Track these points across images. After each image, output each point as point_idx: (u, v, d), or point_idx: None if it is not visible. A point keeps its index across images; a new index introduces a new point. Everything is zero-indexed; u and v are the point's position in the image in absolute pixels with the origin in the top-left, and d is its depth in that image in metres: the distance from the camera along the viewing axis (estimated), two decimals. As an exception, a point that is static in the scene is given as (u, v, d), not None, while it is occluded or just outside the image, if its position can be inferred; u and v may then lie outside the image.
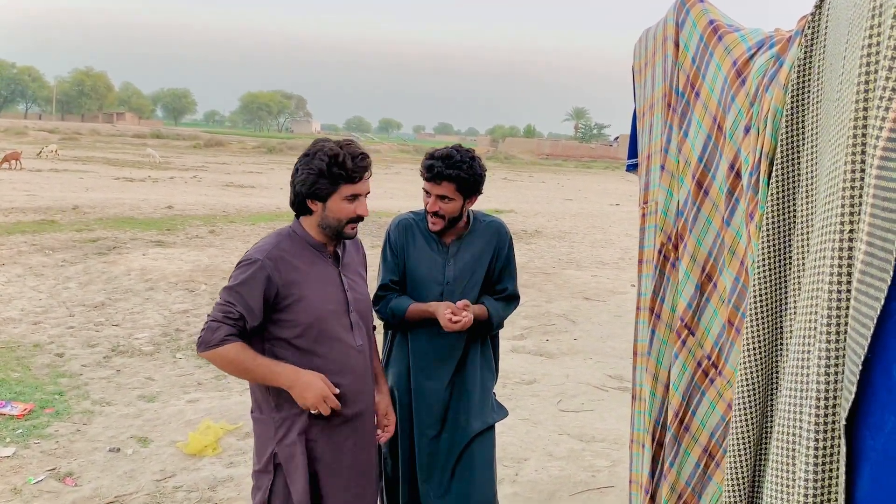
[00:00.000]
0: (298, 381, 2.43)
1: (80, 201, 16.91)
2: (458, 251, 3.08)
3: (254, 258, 2.42)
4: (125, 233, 12.96)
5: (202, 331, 2.41)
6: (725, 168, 1.72)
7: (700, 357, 2.19)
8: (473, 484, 3.03)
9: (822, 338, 0.98)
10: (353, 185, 2.45)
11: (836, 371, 0.99)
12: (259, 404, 2.55)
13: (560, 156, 71.55)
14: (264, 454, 2.52)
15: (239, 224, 15.16)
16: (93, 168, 27.30)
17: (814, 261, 1.03)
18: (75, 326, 7.24)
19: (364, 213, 2.51)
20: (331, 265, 2.57)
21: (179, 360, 6.47)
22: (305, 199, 2.48)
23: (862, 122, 0.93)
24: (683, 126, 1.89)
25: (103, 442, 4.72)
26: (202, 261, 10.87)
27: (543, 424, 5.34)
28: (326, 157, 2.39)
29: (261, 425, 2.54)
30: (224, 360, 2.40)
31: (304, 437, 2.48)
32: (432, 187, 2.94)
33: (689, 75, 1.86)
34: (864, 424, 0.96)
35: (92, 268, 9.92)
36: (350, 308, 2.57)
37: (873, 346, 0.93)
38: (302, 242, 2.53)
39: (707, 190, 1.88)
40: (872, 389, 0.94)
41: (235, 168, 33.80)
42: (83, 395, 5.52)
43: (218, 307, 2.41)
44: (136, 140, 52.83)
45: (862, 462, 0.95)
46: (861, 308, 0.93)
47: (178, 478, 4.29)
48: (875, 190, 0.91)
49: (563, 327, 8.27)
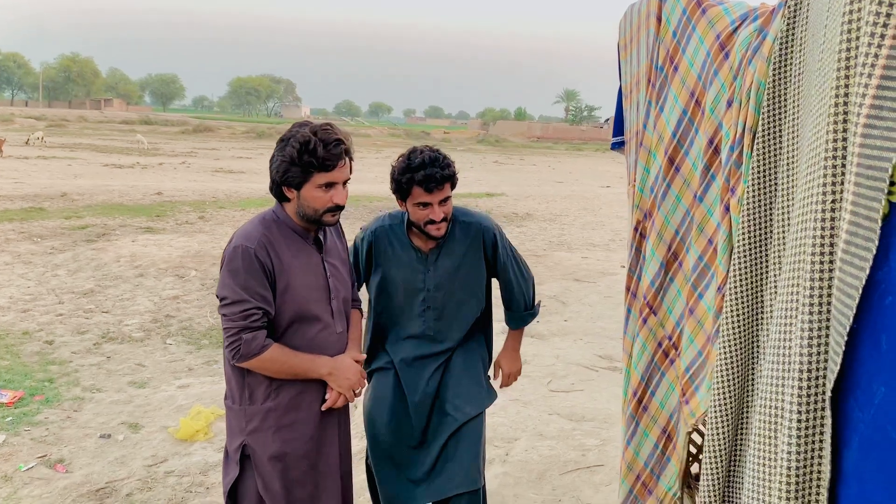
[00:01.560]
0: (337, 368, 2.45)
1: (69, 188, 16.79)
2: (438, 258, 2.99)
3: (244, 246, 2.34)
4: (114, 219, 12.88)
5: (233, 342, 2.33)
6: (703, 144, 1.70)
7: (661, 337, 2.18)
8: (460, 465, 3.03)
9: (804, 310, 0.97)
10: (327, 174, 2.34)
11: (819, 343, 0.98)
12: (233, 394, 2.50)
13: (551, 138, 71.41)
14: (234, 443, 2.49)
15: (229, 209, 15.09)
16: (81, 155, 27.09)
17: (796, 233, 1.01)
18: (65, 314, 7.20)
19: (340, 202, 2.41)
20: (314, 251, 2.51)
21: (170, 346, 6.45)
22: (280, 186, 2.41)
23: (844, 90, 0.92)
24: (660, 101, 1.87)
25: (94, 428, 4.70)
26: (192, 247, 10.82)
27: (534, 405, 5.35)
28: (297, 145, 2.30)
29: (233, 414, 2.50)
30: (264, 363, 2.37)
31: (276, 428, 2.44)
32: (435, 195, 2.80)
33: (669, 49, 1.84)
34: (850, 397, 0.95)
35: (81, 255, 9.86)
36: (332, 296, 2.53)
37: (860, 317, 0.92)
38: (285, 228, 2.46)
39: (679, 167, 1.86)
40: (860, 361, 0.93)
41: (225, 153, 33.61)
42: (73, 381, 5.50)
43: (237, 313, 2.32)
44: (124, 126, 52.44)
45: (849, 434, 0.95)
46: (846, 278, 0.92)
47: (170, 463, 4.29)
48: (859, 158, 0.89)
49: (553, 309, 8.28)
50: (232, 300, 2.33)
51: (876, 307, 0.91)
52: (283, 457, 2.45)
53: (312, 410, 2.49)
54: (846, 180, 0.92)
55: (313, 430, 2.50)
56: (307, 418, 2.48)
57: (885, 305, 0.89)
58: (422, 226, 2.87)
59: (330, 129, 2.37)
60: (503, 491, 4.08)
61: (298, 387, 2.46)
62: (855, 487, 0.94)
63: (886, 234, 0.89)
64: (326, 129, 2.36)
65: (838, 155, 0.93)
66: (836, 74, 0.93)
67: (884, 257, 0.89)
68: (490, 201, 18.28)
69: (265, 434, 2.44)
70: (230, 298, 2.33)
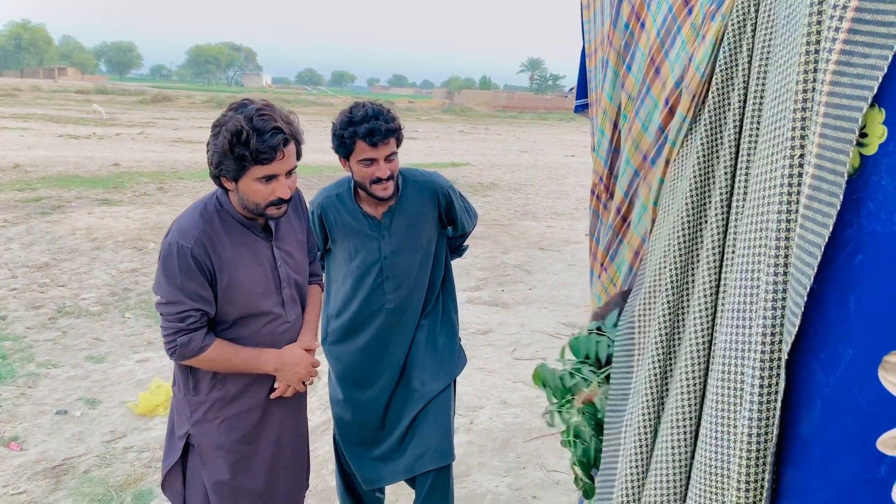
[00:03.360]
0: (284, 363, 2.34)
1: (22, 160, 16.27)
2: (392, 222, 2.87)
3: (180, 244, 2.16)
4: (70, 191, 12.53)
5: (169, 343, 2.22)
6: (657, 104, 1.65)
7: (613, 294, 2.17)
8: (429, 441, 2.99)
9: (769, 271, 0.93)
10: (265, 167, 2.09)
11: (783, 306, 0.94)
12: (178, 382, 2.41)
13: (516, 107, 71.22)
14: (179, 430, 2.40)
15: (188, 180, 14.78)
16: (34, 125, 26.27)
17: (759, 191, 0.97)
18: (18, 288, 7.00)
19: (285, 196, 2.17)
20: (261, 241, 2.32)
21: (128, 320, 6.32)
22: (218, 176, 2.17)
23: (815, 37, 0.87)
24: (627, 59, 1.82)
25: (50, 405, 4.59)
26: (150, 219, 10.58)
27: (498, 373, 5.36)
28: (229, 135, 2.03)
29: (178, 401, 2.42)
30: (204, 362, 2.27)
31: (221, 419, 2.36)
32: (380, 150, 2.65)
33: (635, 5, 1.78)
34: (813, 360, 0.92)
35: (35, 228, 9.59)
36: (282, 285, 2.38)
37: (824, 277, 0.89)
38: (228, 219, 2.25)
39: (630, 127, 1.82)
40: (824, 323, 0.90)
41: (184, 123, 32.91)
42: (27, 357, 5.35)
43: (172, 314, 2.19)
44: (79, 96, 50.97)
45: (812, 399, 0.92)
46: (808, 235, 0.88)
47: (129, 438, 4.21)
48: (826, 108, 0.85)
49: (518, 277, 8.28)
50: (167, 300, 2.20)
51: (843, 266, 0.87)
52: (230, 447, 2.37)
53: (259, 398, 2.40)
54: (811, 132, 0.88)
55: (260, 418, 2.41)
56: (254, 406, 2.39)
57: (853, 265, 0.85)
58: (367, 186, 2.72)
59: (267, 116, 2.08)
60: (468, 459, 4.08)
61: (242, 379, 2.37)
62: (817, 451, 0.92)
63: (857, 189, 0.85)
64: (263, 116, 2.07)
65: (808, 107, 0.88)
66: (807, 20, 0.88)
67: (854, 215, 0.85)
68: (455, 171, 18.17)
69: (210, 424, 2.35)
70: (165, 298, 2.21)
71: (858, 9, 0.83)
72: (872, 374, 0.82)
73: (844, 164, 0.83)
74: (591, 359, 1.70)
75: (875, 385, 0.82)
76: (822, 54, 0.86)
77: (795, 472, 0.95)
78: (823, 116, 0.86)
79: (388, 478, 3.08)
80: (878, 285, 0.82)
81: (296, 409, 2.57)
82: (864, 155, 0.84)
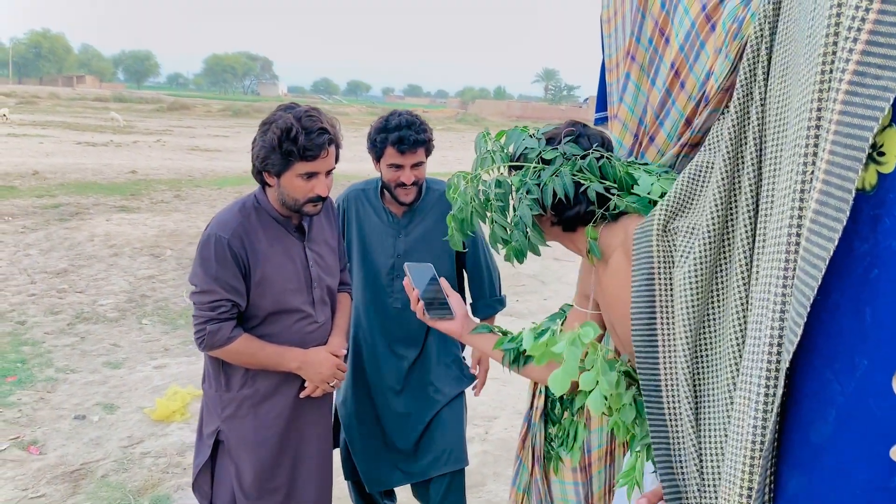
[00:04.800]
0: (307, 362, 2.39)
1: (41, 167, 16.47)
2: (410, 223, 2.99)
3: (218, 235, 2.26)
4: (88, 198, 12.68)
5: (199, 332, 2.28)
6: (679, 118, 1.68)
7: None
8: (444, 445, 3.02)
9: (778, 283, 0.96)
10: (309, 163, 2.23)
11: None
12: (209, 379, 2.46)
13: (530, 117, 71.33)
14: (209, 427, 2.45)
15: (205, 188, 14.91)
16: (53, 133, 26.58)
17: (781, 205, 1.00)
18: (37, 294, 7.09)
19: (323, 193, 2.31)
20: (295, 240, 2.43)
21: (145, 326, 6.38)
22: (261, 172, 2.31)
23: (832, 56, 0.90)
24: (651, 73, 1.84)
25: (68, 409, 4.65)
26: (167, 226, 10.69)
27: (513, 383, 5.36)
28: (279, 131, 2.18)
29: (209, 399, 2.47)
30: (230, 354, 2.32)
31: (252, 416, 2.40)
32: (407, 158, 2.81)
33: (659, 21, 1.80)
34: (828, 369, 0.94)
35: (54, 234, 9.70)
36: (313, 285, 2.46)
37: (842, 290, 0.91)
38: (265, 216, 2.37)
39: (653, 136, 1.84)
40: (840, 333, 0.92)
41: (201, 132, 33.19)
42: (46, 362, 5.42)
43: (205, 303, 2.26)
44: (97, 104, 51.54)
45: (825, 407, 0.94)
46: (813, 248, 0.90)
47: (146, 444, 4.25)
48: (837, 126, 0.87)
49: (533, 288, 8.29)
50: (201, 289, 2.27)
51: (860, 280, 0.89)
52: (258, 444, 2.42)
53: (289, 397, 2.45)
54: (821, 149, 0.90)
55: (289, 417, 2.46)
56: (284, 405, 2.44)
57: (870, 279, 0.87)
58: (392, 188, 2.88)
59: (315, 116, 2.24)
60: (483, 469, 4.09)
61: (272, 376, 2.42)
62: (830, 459, 0.94)
63: (874, 205, 0.87)
64: (311, 116, 2.23)
65: (821, 125, 0.91)
66: (824, 41, 0.91)
67: (871, 231, 0.87)
68: (469, 180, 18.20)
69: (241, 421, 2.40)
70: (199, 288, 2.28)
71: (872, 32, 0.85)
72: (888, 385, 0.84)
73: (853, 181, 0.85)
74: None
75: (890, 395, 0.84)
76: (836, 74, 0.88)
77: (806, 479, 0.97)
78: (834, 134, 0.88)
79: (398, 480, 3.11)
80: (895, 299, 0.84)
81: (323, 411, 2.61)
82: (881, 172, 0.87)
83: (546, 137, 1.67)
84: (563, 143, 1.62)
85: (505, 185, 1.63)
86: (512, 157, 1.67)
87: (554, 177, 1.56)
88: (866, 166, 0.86)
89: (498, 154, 1.67)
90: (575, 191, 1.55)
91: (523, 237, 1.61)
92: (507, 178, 1.66)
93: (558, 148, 1.61)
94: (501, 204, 1.63)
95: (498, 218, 1.64)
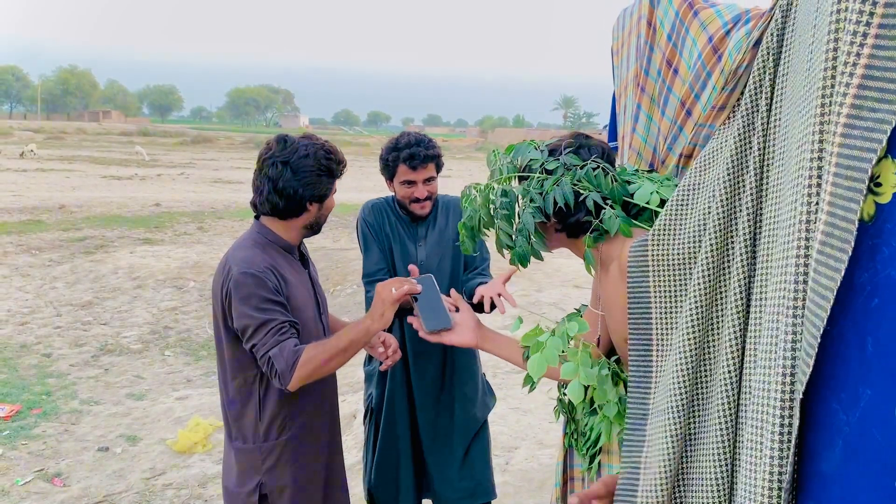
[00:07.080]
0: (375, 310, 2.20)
1: (67, 200, 16.79)
2: (427, 231, 3.12)
3: (254, 272, 2.20)
4: (112, 231, 12.88)
5: (270, 368, 2.16)
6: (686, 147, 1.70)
7: None
8: (474, 474, 3.07)
9: (788, 313, 0.97)
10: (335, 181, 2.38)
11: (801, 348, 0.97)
12: (244, 433, 2.36)
13: (549, 145, 71.48)
14: (248, 485, 2.35)
15: (227, 220, 15.09)
16: (79, 167, 27.10)
17: (786, 236, 1.01)
18: (63, 326, 7.19)
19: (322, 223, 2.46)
20: (302, 268, 2.45)
21: (168, 358, 6.44)
22: (306, 201, 2.29)
23: (830, 90, 0.91)
24: (661, 105, 1.86)
25: (92, 441, 4.69)
26: (191, 258, 10.81)
27: (534, 413, 5.34)
28: (324, 153, 2.26)
29: (245, 455, 2.36)
30: (309, 365, 2.16)
31: (293, 460, 2.36)
32: (419, 173, 2.93)
33: (666, 53, 1.83)
34: (834, 399, 0.94)
35: (79, 267, 9.86)
36: (321, 310, 2.49)
37: (844, 320, 0.92)
38: (276, 248, 2.36)
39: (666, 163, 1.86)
40: (844, 363, 0.92)
41: (223, 164, 33.64)
42: (71, 394, 5.49)
43: (270, 330, 2.16)
44: (122, 138, 52.49)
45: (832, 437, 0.94)
46: (821, 279, 0.91)
47: (168, 475, 4.27)
48: (838, 158, 0.89)
49: (553, 316, 8.26)
50: (258, 324, 2.17)
51: (861, 310, 0.90)
52: (303, 488, 2.38)
53: (322, 438, 2.45)
54: (824, 181, 0.92)
55: (327, 457, 2.47)
56: (319, 445, 2.45)
57: (870, 308, 0.88)
58: (407, 204, 3.01)
59: (317, 137, 2.38)
60: (504, 500, 4.06)
61: (308, 414, 2.39)
62: (837, 489, 0.94)
63: (872, 235, 0.88)
64: (316, 137, 2.37)
65: (824, 157, 0.92)
66: (822, 74, 0.92)
67: (870, 260, 0.88)
68: (489, 209, 18.28)
69: (283, 468, 2.34)
70: (256, 323, 2.16)
71: (868, 66, 0.87)
72: (891, 415, 0.84)
73: (855, 212, 0.87)
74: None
75: (894, 425, 0.84)
76: (834, 107, 0.90)
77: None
78: (836, 166, 0.90)
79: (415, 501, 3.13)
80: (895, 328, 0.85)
81: (338, 443, 2.61)
82: (878, 203, 0.88)
83: (549, 149, 1.77)
84: (564, 154, 1.71)
85: (510, 195, 1.74)
86: (519, 168, 1.76)
87: (555, 186, 1.65)
88: (865, 197, 0.88)
89: (507, 166, 1.78)
90: (575, 199, 1.64)
91: (526, 243, 1.70)
92: (512, 188, 1.76)
93: (560, 158, 1.70)
94: (507, 212, 1.74)
95: (503, 225, 1.75)
